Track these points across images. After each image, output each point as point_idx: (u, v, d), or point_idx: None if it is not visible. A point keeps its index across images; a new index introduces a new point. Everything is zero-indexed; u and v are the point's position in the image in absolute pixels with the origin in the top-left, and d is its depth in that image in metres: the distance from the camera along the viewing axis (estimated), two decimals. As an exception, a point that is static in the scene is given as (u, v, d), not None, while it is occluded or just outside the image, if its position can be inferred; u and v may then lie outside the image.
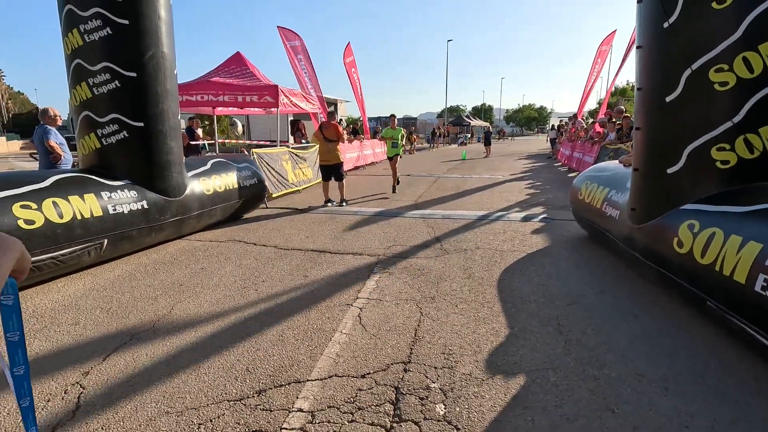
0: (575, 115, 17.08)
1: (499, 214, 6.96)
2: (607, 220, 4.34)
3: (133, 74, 4.46)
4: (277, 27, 13.06)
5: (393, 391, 2.29)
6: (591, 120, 19.44)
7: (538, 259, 4.56)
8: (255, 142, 15.83)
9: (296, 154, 9.93)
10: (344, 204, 7.82)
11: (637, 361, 2.56)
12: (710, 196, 3.04)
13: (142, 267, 4.38)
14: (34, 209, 3.61)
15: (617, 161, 5.48)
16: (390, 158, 9.35)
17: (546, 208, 7.47)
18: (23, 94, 60.40)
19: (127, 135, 4.53)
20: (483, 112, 76.33)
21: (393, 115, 9.78)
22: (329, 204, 7.78)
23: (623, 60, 15.12)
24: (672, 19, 3.08)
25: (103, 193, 4.23)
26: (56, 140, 5.87)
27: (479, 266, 4.33)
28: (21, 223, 3.47)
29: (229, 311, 3.31)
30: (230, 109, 12.06)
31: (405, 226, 6.17)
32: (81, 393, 2.29)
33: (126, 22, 4.34)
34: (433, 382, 2.37)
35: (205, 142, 13.53)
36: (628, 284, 3.79)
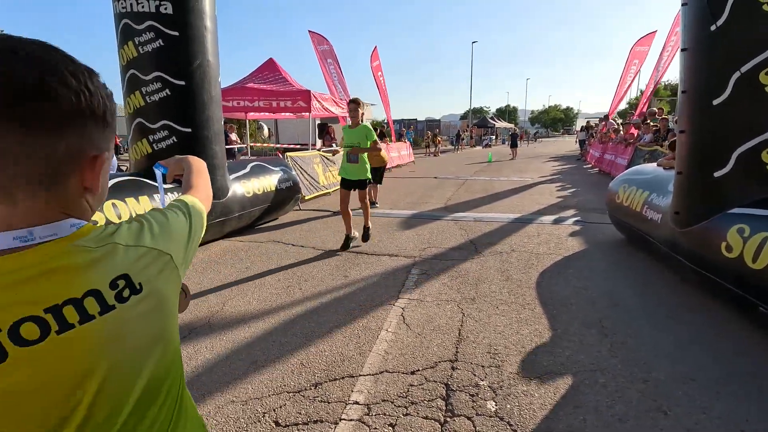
0: (606, 116, 16.74)
1: (531, 216, 6.94)
2: (648, 224, 4.29)
3: (182, 83, 4.71)
4: (309, 31, 13.32)
5: (443, 388, 2.38)
6: (621, 121, 19.00)
7: (575, 262, 4.55)
8: (284, 146, 16.19)
9: (326, 158, 10.15)
10: (375, 205, 7.92)
11: (686, 363, 2.56)
12: (761, 200, 3.00)
13: (192, 265, 4.60)
14: (99, 211, 3.86)
15: (655, 164, 5.41)
16: (348, 184, 5.13)
17: (579, 210, 7.39)
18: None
19: (175, 140, 4.78)
20: (507, 113, 75.44)
21: (354, 101, 5.09)
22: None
23: (658, 61, 14.72)
24: (719, 22, 3.06)
25: (155, 196, 4.48)
26: None
27: (516, 269, 4.36)
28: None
29: (277, 309, 3.47)
30: (263, 113, 12.40)
31: (437, 228, 6.24)
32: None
33: (176, 33, 4.59)
34: (482, 380, 2.44)
35: (237, 145, 13.96)
36: (670, 287, 3.76)
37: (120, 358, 0.57)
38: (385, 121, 20.64)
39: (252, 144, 17.62)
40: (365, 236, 5.27)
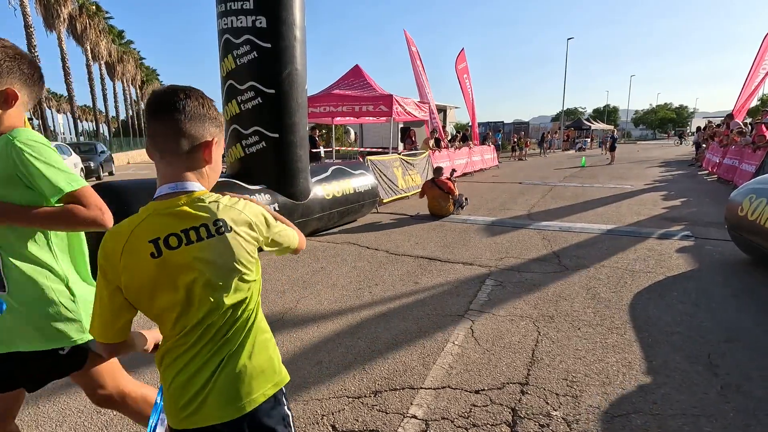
0: (731, 115, 14.48)
1: (629, 228, 6.22)
2: (780, 244, 3.58)
3: (272, 91, 5.03)
4: (404, 30, 13.38)
5: (509, 413, 2.19)
6: (749, 121, 16.32)
7: (681, 284, 3.96)
8: (368, 150, 16.62)
9: (406, 161, 10.18)
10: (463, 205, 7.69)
11: (828, 423, 2.05)
12: None
13: (272, 262, 4.89)
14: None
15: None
16: None
17: (689, 224, 6.46)
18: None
19: (264, 145, 5.13)
20: (607, 113, 69.19)
21: None
22: None
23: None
24: None
25: (244, 196, 4.85)
26: None
27: (605, 287, 3.92)
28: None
29: (346, 311, 3.52)
30: (347, 118, 12.86)
31: (518, 237, 5.88)
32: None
33: (269, 45, 4.92)
34: (555, 410, 2.20)
35: (322, 149, 14.64)
36: (809, 324, 3.08)
37: (217, 266, 0.97)
38: (469, 124, 20.16)
39: (338, 148, 18.43)
40: None
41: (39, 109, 26.96)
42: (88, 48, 35.18)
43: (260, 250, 1.10)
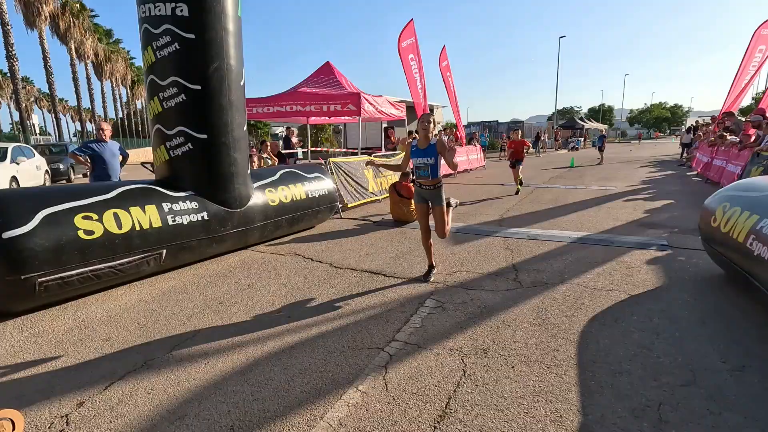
0: (730, 113, 14.02)
1: (601, 236, 5.73)
2: (755, 261, 3.09)
3: (198, 87, 4.51)
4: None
5: (389, 497, 1.69)
6: (737, 120, 15.91)
7: (644, 305, 3.47)
8: (352, 150, 16.09)
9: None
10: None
11: None
12: None
13: (197, 279, 4.38)
14: (95, 220, 3.77)
15: (775, 176, 4.02)
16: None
17: (668, 231, 5.98)
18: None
19: (191, 147, 4.61)
20: (602, 113, 68.74)
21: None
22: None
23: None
24: None
25: (164, 204, 4.33)
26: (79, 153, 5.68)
27: (558, 309, 3.43)
28: (81, 233, 3.64)
29: (248, 343, 3.01)
30: (322, 118, 12.33)
31: (480, 246, 5.38)
32: (62, 430, 2.13)
33: (192, 36, 4.40)
34: (449, 493, 1.70)
35: (300, 151, 14.12)
36: (785, 360, 2.59)
37: None
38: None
39: (327, 149, 17.88)
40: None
41: (18, 108, 26.36)
42: (73, 47, 34.53)
43: None
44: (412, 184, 7.14)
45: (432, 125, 4.02)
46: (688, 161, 16.91)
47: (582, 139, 37.07)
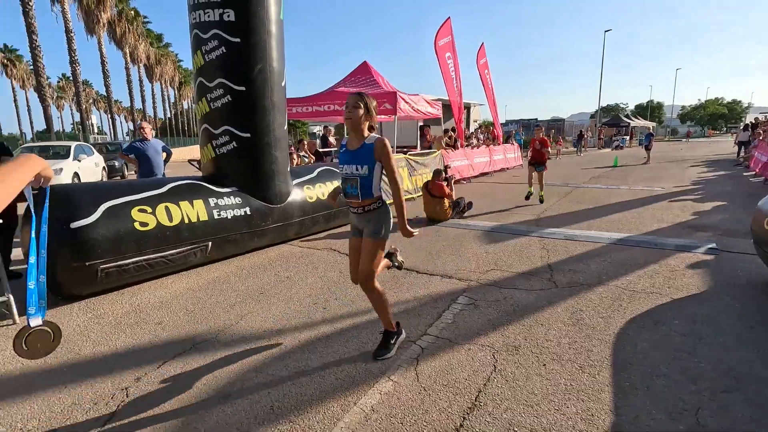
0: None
1: (644, 238, 5.52)
2: (811, 266, 2.92)
3: (243, 88, 4.75)
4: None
5: (418, 480, 1.77)
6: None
7: (687, 309, 3.35)
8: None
9: (414, 161, 9.72)
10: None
11: None
12: None
13: (239, 270, 4.62)
14: (149, 213, 4.07)
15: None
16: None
17: (717, 234, 5.68)
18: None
19: (236, 145, 4.86)
20: (650, 110, 65.28)
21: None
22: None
23: None
24: None
25: (210, 199, 4.60)
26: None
27: (594, 310, 3.37)
28: (137, 225, 3.94)
29: (287, 331, 3.17)
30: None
31: (515, 246, 5.34)
32: (122, 401, 2.36)
33: (238, 40, 4.64)
34: (476, 480, 1.76)
35: (335, 149, 14.37)
36: (842, 371, 2.44)
37: None
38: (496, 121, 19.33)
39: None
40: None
41: (79, 109, 28.37)
42: (127, 51, 36.71)
43: None
44: (444, 183, 7.19)
45: (362, 110, 2.48)
46: (745, 161, 15.83)
47: (627, 137, 35.38)
